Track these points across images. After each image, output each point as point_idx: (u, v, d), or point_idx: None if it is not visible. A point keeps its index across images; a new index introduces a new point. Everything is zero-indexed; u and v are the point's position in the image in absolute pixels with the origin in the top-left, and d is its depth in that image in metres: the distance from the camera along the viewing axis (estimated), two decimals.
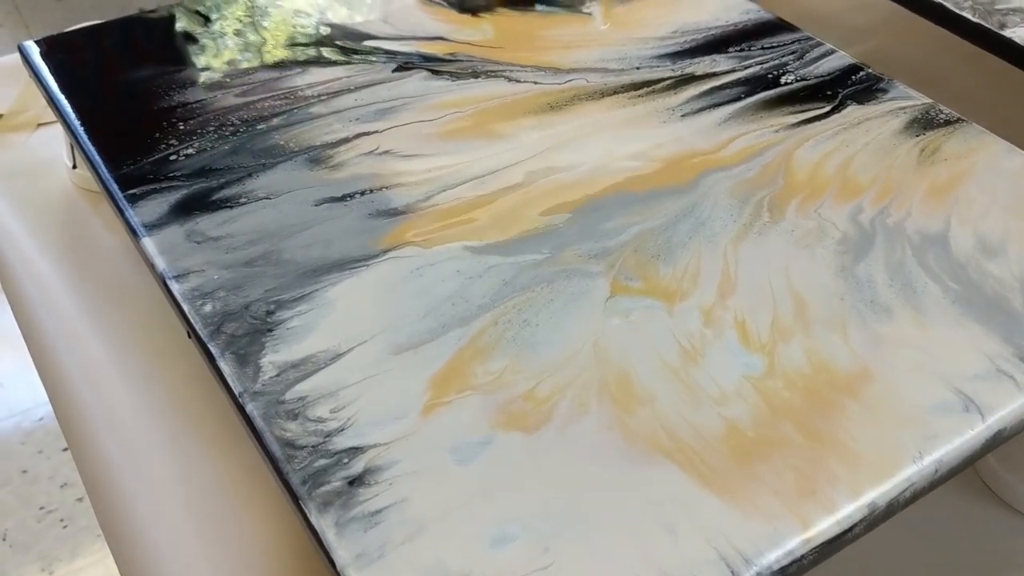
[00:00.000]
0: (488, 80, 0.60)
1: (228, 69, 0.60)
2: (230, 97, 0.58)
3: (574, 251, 0.48)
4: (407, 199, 0.51)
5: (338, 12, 0.65)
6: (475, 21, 0.65)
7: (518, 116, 0.57)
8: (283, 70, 0.60)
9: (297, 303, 0.45)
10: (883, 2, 0.81)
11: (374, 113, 0.57)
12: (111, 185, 0.51)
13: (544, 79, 0.60)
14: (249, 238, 0.49)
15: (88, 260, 0.63)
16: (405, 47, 0.62)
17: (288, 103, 0.58)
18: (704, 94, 0.58)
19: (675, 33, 0.64)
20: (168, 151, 0.54)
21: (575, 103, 0.58)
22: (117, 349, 0.56)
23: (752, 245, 0.48)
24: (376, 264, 0.47)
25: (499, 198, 0.51)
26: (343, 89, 0.59)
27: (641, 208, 0.50)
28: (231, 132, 0.55)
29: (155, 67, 0.60)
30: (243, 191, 0.51)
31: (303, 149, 0.54)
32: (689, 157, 0.54)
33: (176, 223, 0.49)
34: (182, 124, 0.56)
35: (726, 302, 0.45)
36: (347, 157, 0.54)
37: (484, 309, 0.45)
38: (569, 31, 0.64)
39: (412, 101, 0.58)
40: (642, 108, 0.57)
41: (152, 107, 0.57)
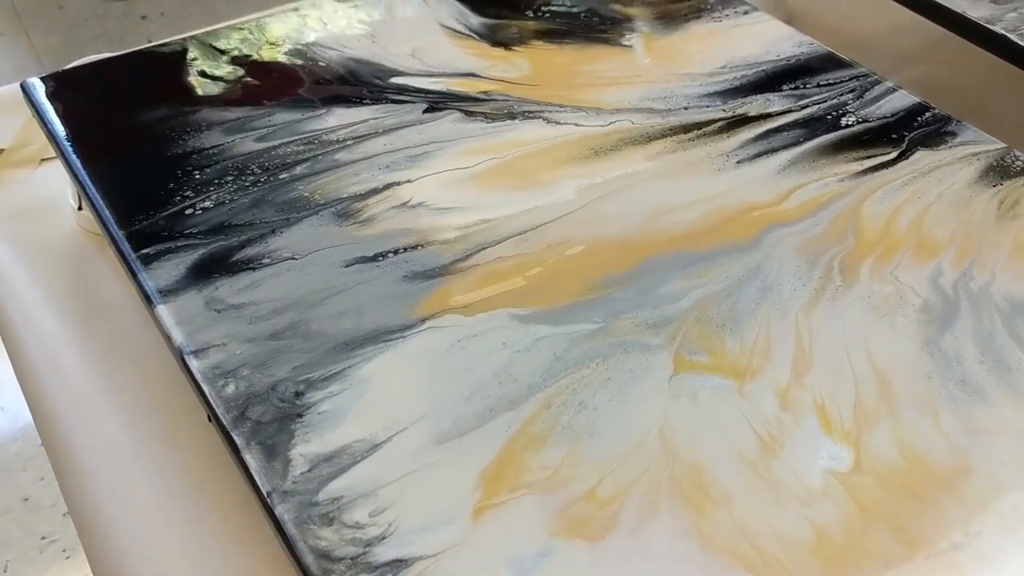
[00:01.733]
0: (526, 122, 0.55)
1: (245, 110, 0.56)
2: (249, 142, 0.54)
3: (630, 320, 0.44)
4: (444, 259, 0.47)
5: (362, 46, 0.61)
6: (508, 55, 0.61)
7: (560, 162, 0.53)
8: (305, 110, 0.56)
9: (329, 382, 0.41)
10: (928, 26, 0.77)
11: (405, 159, 0.53)
12: (122, 244, 0.47)
13: (586, 121, 0.56)
14: (274, 306, 0.44)
15: (95, 312, 0.59)
16: (435, 85, 0.58)
17: (312, 148, 0.53)
18: (759, 138, 0.54)
19: (723, 69, 0.59)
20: (184, 204, 0.50)
21: (620, 148, 0.54)
22: (128, 416, 0.52)
23: (825, 313, 0.44)
24: (414, 335, 0.43)
25: (544, 257, 0.47)
26: (370, 132, 0.55)
27: (701, 269, 0.46)
28: (251, 182, 0.51)
29: (167, 107, 0.56)
30: (266, 250, 0.47)
31: (330, 201, 0.50)
32: (749, 210, 0.49)
33: (194, 288, 0.45)
34: (198, 173, 0.52)
35: (802, 381, 0.41)
36: (378, 210, 0.50)
37: (535, 389, 0.41)
38: (609, 66, 0.60)
39: (445, 146, 0.54)
40: (693, 154, 0.53)
41: (165, 153, 0.53)
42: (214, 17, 2.16)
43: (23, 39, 2.22)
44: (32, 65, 2.12)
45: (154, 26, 2.18)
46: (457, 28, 0.63)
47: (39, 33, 2.22)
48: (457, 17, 0.64)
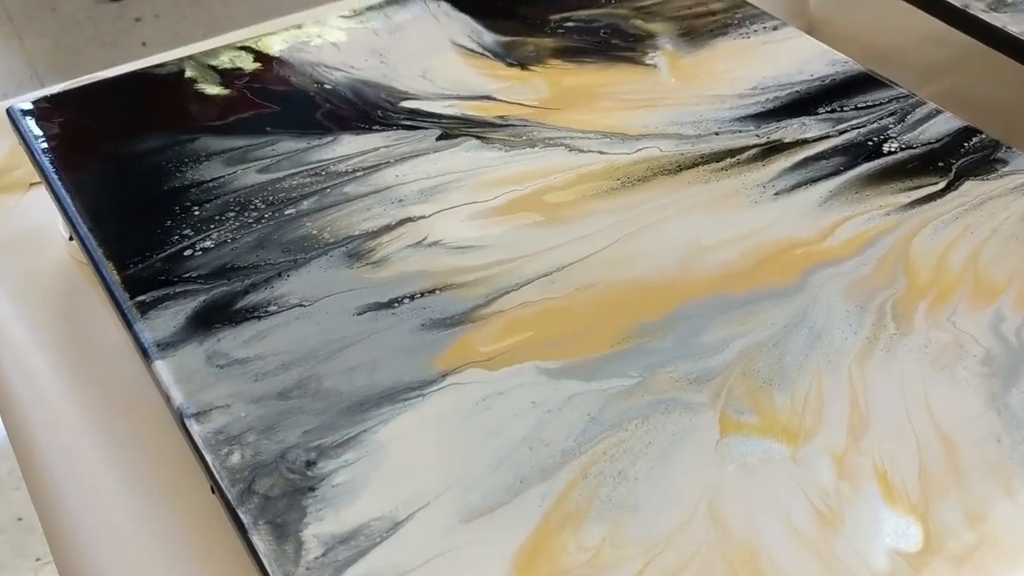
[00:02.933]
0: (546, 149, 0.52)
1: (247, 138, 0.52)
2: (251, 173, 0.50)
3: (669, 374, 0.40)
4: (464, 304, 0.43)
5: (370, 66, 0.57)
6: (525, 76, 0.57)
7: (585, 195, 0.49)
8: (310, 138, 0.52)
9: (343, 449, 0.37)
10: (957, 37, 0.73)
11: (418, 193, 0.49)
12: (116, 290, 0.43)
13: (611, 148, 0.52)
14: (281, 360, 0.41)
15: (87, 351, 0.55)
16: (448, 109, 0.55)
17: (319, 181, 0.50)
18: (797, 166, 0.51)
19: (754, 90, 0.56)
20: (182, 244, 0.46)
21: (649, 178, 0.50)
22: (122, 467, 0.48)
23: (880, 366, 0.40)
24: (434, 393, 0.39)
25: (573, 302, 0.44)
26: (381, 162, 0.51)
27: (743, 315, 0.43)
28: (255, 219, 0.47)
29: (163, 135, 0.52)
30: (272, 296, 0.44)
31: (340, 240, 0.46)
32: (791, 248, 0.46)
33: (194, 340, 0.41)
34: (197, 209, 0.48)
35: (860, 444, 0.37)
36: (391, 250, 0.46)
37: (569, 456, 0.37)
38: (633, 88, 0.56)
39: (461, 177, 0.50)
40: (728, 184, 0.50)
41: (162, 186, 0.49)
42: (210, 19, 2.12)
43: (15, 42, 2.18)
44: (24, 69, 2.08)
45: (148, 28, 2.14)
46: (470, 47, 0.59)
47: (31, 36, 2.18)
48: (470, 35, 0.60)
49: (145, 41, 2.11)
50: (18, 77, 2.08)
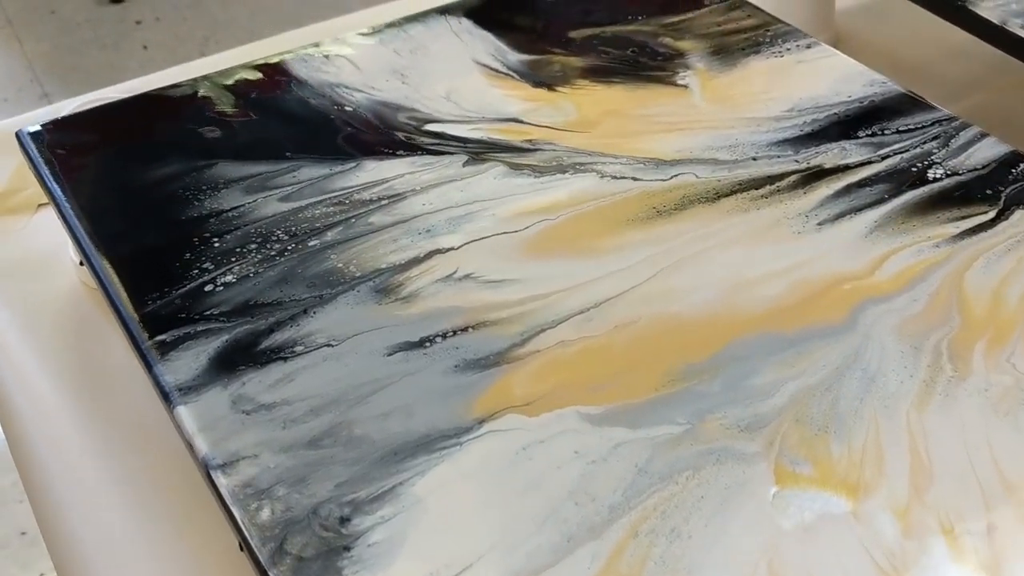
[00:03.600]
0: (577, 176, 0.50)
1: (267, 163, 0.50)
2: (273, 202, 0.48)
3: (719, 420, 0.38)
4: (499, 343, 0.41)
5: (392, 87, 0.55)
6: (552, 97, 0.55)
7: (620, 224, 0.47)
8: (332, 164, 0.50)
9: (378, 504, 0.35)
10: (986, 50, 0.71)
11: (447, 222, 0.47)
12: (134, 329, 0.41)
13: (644, 174, 0.50)
14: (310, 405, 0.39)
15: (99, 382, 0.53)
16: (475, 132, 0.53)
17: (343, 210, 0.48)
18: (839, 194, 0.49)
19: (791, 112, 0.54)
20: (202, 279, 0.44)
21: (686, 207, 0.48)
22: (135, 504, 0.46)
23: (940, 411, 0.38)
24: (472, 442, 0.37)
25: (612, 341, 0.42)
26: (407, 190, 0.49)
27: (793, 356, 0.41)
28: (278, 252, 0.45)
29: (179, 160, 0.50)
30: (299, 335, 0.42)
31: (367, 274, 0.44)
32: (838, 282, 0.44)
33: (218, 384, 0.39)
34: (217, 240, 0.46)
35: (924, 498, 0.36)
36: (420, 284, 0.44)
37: (618, 512, 0.35)
38: (664, 110, 0.54)
39: (490, 205, 0.48)
40: (768, 214, 0.48)
41: (179, 216, 0.47)
42: (210, 21, 2.10)
43: (15, 46, 2.16)
44: (24, 72, 2.06)
45: (149, 31, 2.12)
46: (494, 66, 0.57)
47: (30, 39, 2.16)
48: (493, 53, 0.58)
49: (146, 44, 2.09)
50: (17, 80, 2.06)
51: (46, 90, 2.04)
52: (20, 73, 2.08)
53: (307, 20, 1.72)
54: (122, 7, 2.16)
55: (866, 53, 0.63)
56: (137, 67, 2.01)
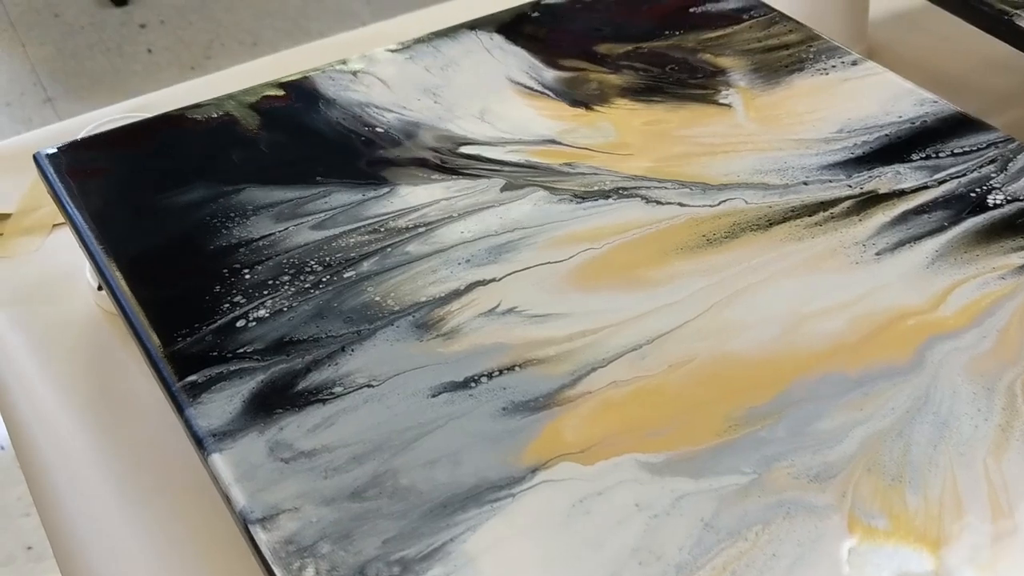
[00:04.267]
0: (621, 201, 0.48)
1: (297, 188, 0.48)
2: (305, 230, 0.46)
3: (787, 469, 0.36)
4: (548, 383, 0.39)
5: (424, 107, 0.53)
6: (590, 117, 0.53)
7: (668, 254, 0.45)
8: (365, 189, 0.48)
9: (429, 563, 0.33)
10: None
11: (486, 252, 0.45)
12: (163, 369, 0.39)
13: (691, 199, 0.48)
14: (352, 452, 0.37)
15: (118, 413, 0.51)
16: (511, 154, 0.50)
17: (378, 238, 0.46)
18: (897, 221, 0.47)
19: (840, 133, 0.52)
20: (234, 313, 0.42)
21: (737, 235, 0.46)
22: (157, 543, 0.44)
23: (1019, 459, 0.36)
24: (524, 494, 0.35)
25: (668, 381, 0.39)
26: (443, 217, 0.47)
27: (859, 398, 0.39)
28: (312, 284, 0.43)
29: (205, 185, 0.48)
30: (337, 375, 0.39)
31: (405, 308, 0.42)
32: (902, 317, 0.42)
33: (254, 428, 0.37)
34: (248, 272, 0.44)
35: (1010, 554, 0.33)
36: (462, 319, 0.42)
37: (685, 571, 0.33)
38: (708, 130, 0.52)
39: (531, 233, 0.46)
40: (823, 242, 0.45)
41: (207, 245, 0.45)
42: (215, 25, 2.08)
43: (18, 49, 2.13)
44: (27, 76, 2.04)
45: (153, 34, 2.10)
46: (529, 84, 0.55)
47: (33, 43, 2.14)
48: (527, 71, 0.56)
49: (150, 48, 2.07)
50: (21, 84, 2.04)
51: (49, 94, 2.02)
52: (23, 77, 2.06)
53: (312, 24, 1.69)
54: (126, 10, 2.14)
55: (899, 65, 0.61)
56: (141, 71, 1.99)
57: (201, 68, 2.00)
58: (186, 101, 0.70)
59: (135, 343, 0.41)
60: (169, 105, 0.70)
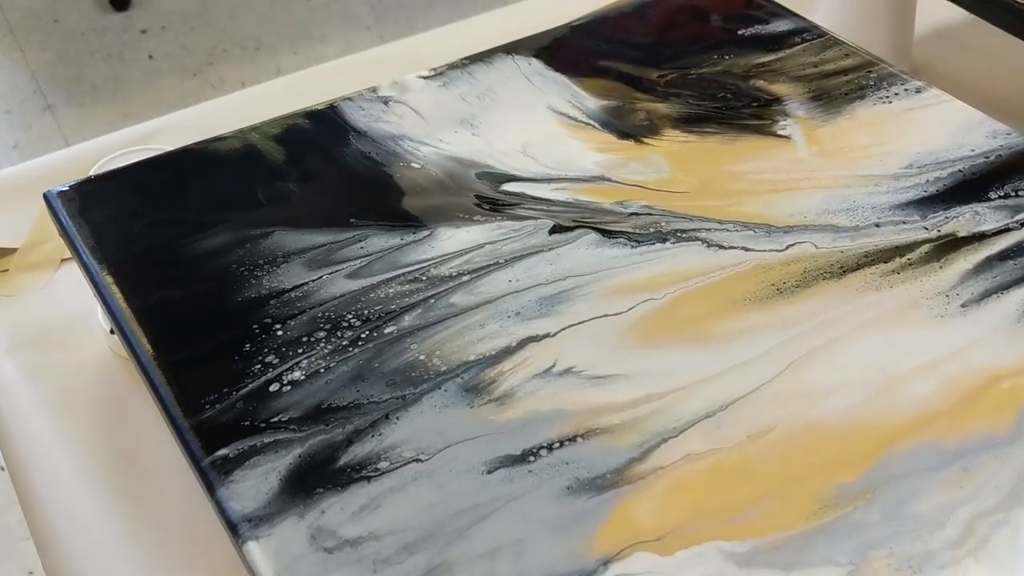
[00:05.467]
0: (680, 245, 0.44)
1: (330, 232, 0.44)
2: (340, 279, 0.42)
3: (886, 559, 0.32)
4: (615, 457, 0.36)
5: (462, 140, 0.49)
6: (641, 150, 0.49)
7: (736, 305, 0.41)
8: (403, 232, 0.45)
9: None
10: None
11: (538, 303, 0.41)
12: (191, 442, 0.36)
13: (756, 243, 0.44)
14: (403, 540, 0.33)
15: (133, 470, 0.48)
16: (558, 192, 0.47)
17: (419, 288, 0.42)
18: (980, 268, 0.43)
19: (909, 168, 0.48)
20: (266, 376, 0.38)
21: (809, 283, 0.42)
22: None
23: None
24: None
25: (747, 455, 0.36)
26: (489, 263, 0.43)
27: (958, 473, 0.35)
28: (350, 340, 0.39)
29: (231, 228, 0.45)
30: (381, 448, 0.36)
31: (453, 369, 0.39)
32: (996, 379, 0.38)
33: (293, 512, 0.34)
34: (280, 327, 0.40)
35: None
36: (516, 381, 0.38)
37: None
38: (768, 165, 0.49)
39: (585, 281, 0.43)
40: (904, 292, 0.42)
41: (234, 296, 0.41)
42: (217, 31, 2.05)
43: (16, 55, 2.10)
44: (27, 83, 2.01)
45: (155, 40, 2.06)
46: (572, 114, 0.51)
47: (33, 49, 2.10)
48: (570, 99, 0.52)
49: (152, 54, 2.04)
50: (20, 91, 2.00)
51: (49, 102, 1.98)
52: (23, 84, 2.02)
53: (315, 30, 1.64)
54: (127, 16, 2.10)
55: (944, 85, 0.57)
56: (142, 77, 1.96)
57: (203, 75, 1.97)
58: (199, 124, 0.67)
59: (157, 408, 0.38)
60: (182, 128, 0.67)
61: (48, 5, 2.19)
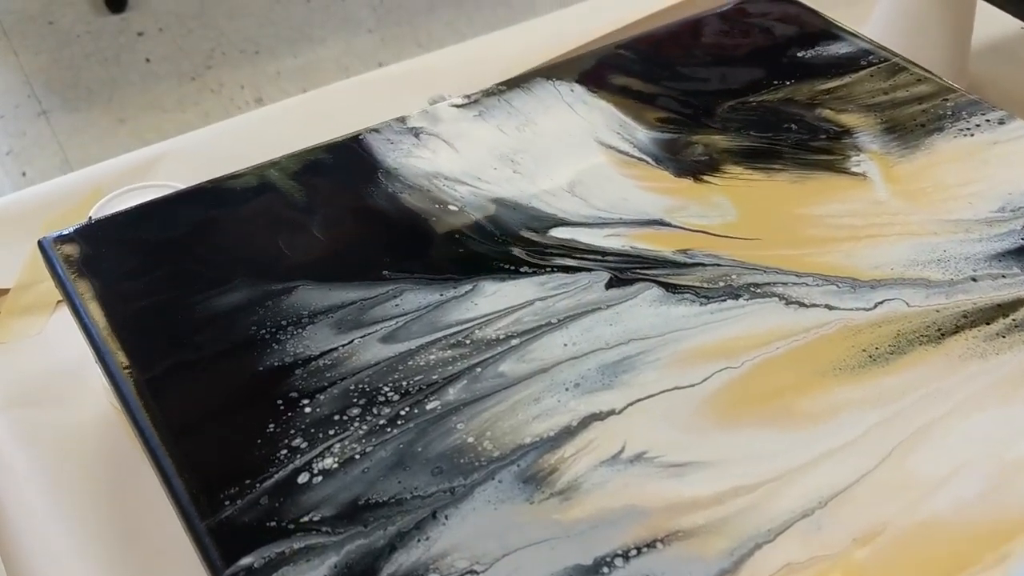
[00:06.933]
0: (755, 302, 0.39)
1: (360, 287, 0.39)
2: (373, 344, 0.37)
3: None
4: (704, 568, 0.31)
5: (502, 178, 0.44)
6: (701, 190, 0.44)
7: (824, 376, 0.36)
8: (442, 287, 0.39)
9: None
10: None
11: (599, 373, 0.36)
12: (208, 546, 0.31)
13: (840, 300, 0.39)
14: None
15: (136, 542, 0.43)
16: (612, 239, 0.42)
17: (464, 355, 0.37)
18: None
19: (1002, 213, 0.43)
20: (294, 464, 0.33)
21: (904, 349, 0.37)
22: None
23: None
24: None
25: (855, 563, 0.31)
26: (541, 324, 0.38)
27: None
28: (388, 419, 0.34)
29: (249, 283, 0.40)
30: (430, 556, 0.31)
31: (507, 454, 0.34)
32: None
33: None
34: (307, 403, 0.35)
35: None
36: (580, 470, 0.33)
37: None
38: (845, 208, 0.44)
39: (651, 346, 0.37)
40: (1012, 361, 0.37)
41: (254, 366, 0.36)
42: (216, 33, 1.99)
43: (10, 58, 2.04)
44: (21, 87, 1.95)
45: (152, 42, 2.01)
46: (623, 148, 0.46)
47: (27, 52, 2.05)
48: (619, 131, 0.47)
49: (149, 57, 1.98)
50: (14, 96, 1.94)
51: (44, 107, 1.93)
52: (17, 88, 1.97)
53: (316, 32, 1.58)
54: (123, 18, 2.05)
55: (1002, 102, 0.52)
56: (139, 81, 1.90)
57: (201, 78, 1.91)
58: (208, 148, 0.62)
59: (169, 503, 0.33)
60: (188, 152, 0.62)
61: (43, 7, 2.13)
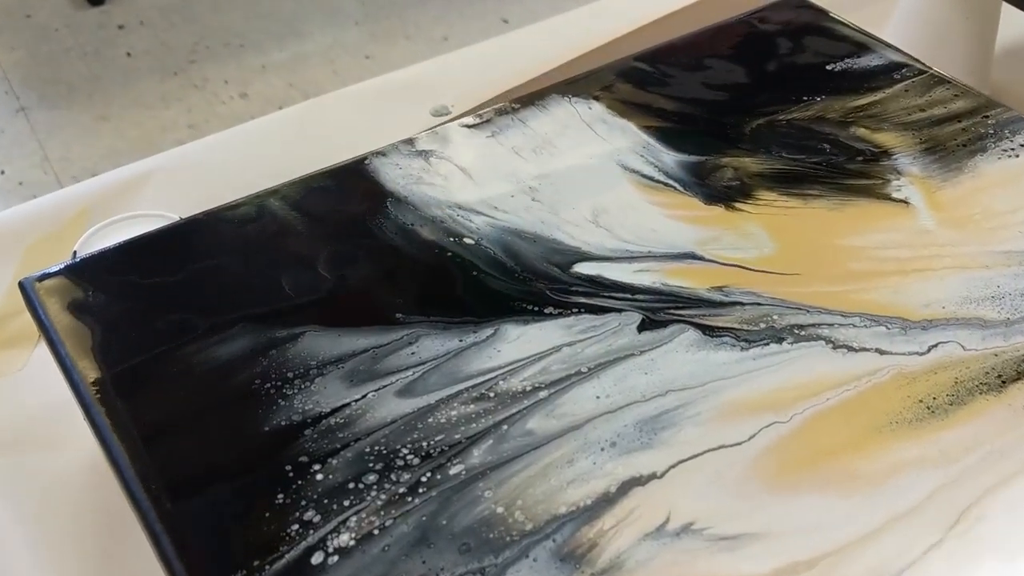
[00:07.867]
0: (800, 346, 0.36)
1: (371, 333, 0.36)
2: (390, 398, 0.34)
3: None
4: None
5: (520, 207, 0.41)
6: (734, 219, 0.41)
7: (880, 431, 0.34)
8: (462, 332, 0.36)
9: None
10: None
11: (636, 430, 0.33)
12: None
13: (891, 343, 0.36)
14: None
15: None
16: (642, 275, 0.39)
17: (488, 409, 0.34)
18: None
19: None
20: (307, 541, 0.30)
21: (964, 399, 0.34)
22: None
23: None
24: None
25: None
26: (570, 373, 0.35)
27: None
28: (408, 487, 0.31)
29: (251, 330, 0.36)
30: None
31: (540, 527, 0.31)
32: None
33: None
34: (319, 468, 0.32)
35: None
36: (623, 544, 0.30)
37: None
38: (888, 238, 0.41)
39: (691, 398, 0.34)
40: None
41: (260, 425, 0.33)
42: (200, 27, 1.95)
43: None
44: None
45: (133, 36, 1.96)
46: (648, 172, 0.43)
47: (4, 47, 2.00)
48: (643, 154, 0.44)
49: (130, 51, 1.94)
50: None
51: (22, 104, 1.88)
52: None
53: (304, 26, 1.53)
54: (103, 11, 2.00)
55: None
56: (120, 77, 1.86)
57: (185, 73, 1.87)
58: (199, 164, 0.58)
59: None
60: (179, 166, 0.58)
61: (20, 0, 2.09)
